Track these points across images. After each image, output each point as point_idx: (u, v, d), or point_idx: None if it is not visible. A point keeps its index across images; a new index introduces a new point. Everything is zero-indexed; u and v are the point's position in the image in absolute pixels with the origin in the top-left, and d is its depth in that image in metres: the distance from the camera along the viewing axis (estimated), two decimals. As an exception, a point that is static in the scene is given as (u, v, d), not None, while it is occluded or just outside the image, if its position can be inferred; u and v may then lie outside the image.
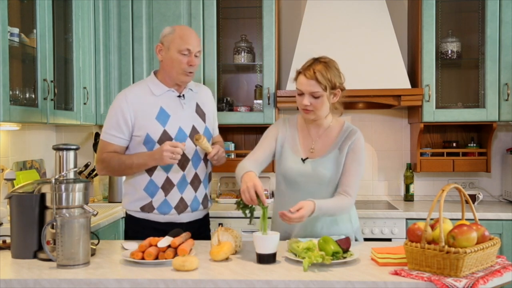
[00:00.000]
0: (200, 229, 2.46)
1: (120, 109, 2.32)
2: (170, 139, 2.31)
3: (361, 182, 2.36)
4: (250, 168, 2.12)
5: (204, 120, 2.45)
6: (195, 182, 2.39)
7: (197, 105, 2.45)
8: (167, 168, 2.33)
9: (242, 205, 2.08)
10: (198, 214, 2.44)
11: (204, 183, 2.44)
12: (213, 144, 2.48)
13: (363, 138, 2.29)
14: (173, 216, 2.36)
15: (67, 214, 1.96)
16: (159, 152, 2.19)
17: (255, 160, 2.24)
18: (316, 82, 2.14)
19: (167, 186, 2.33)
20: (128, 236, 2.43)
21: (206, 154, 2.37)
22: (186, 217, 2.39)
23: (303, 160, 2.26)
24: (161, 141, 2.30)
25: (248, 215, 2.10)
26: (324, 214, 2.14)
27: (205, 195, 2.46)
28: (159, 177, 2.33)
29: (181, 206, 2.36)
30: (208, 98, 2.54)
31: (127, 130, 2.32)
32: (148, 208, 2.35)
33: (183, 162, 2.34)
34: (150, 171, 2.33)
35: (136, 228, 2.39)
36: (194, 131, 2.38)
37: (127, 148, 2.37)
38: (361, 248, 2.11)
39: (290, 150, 2.29)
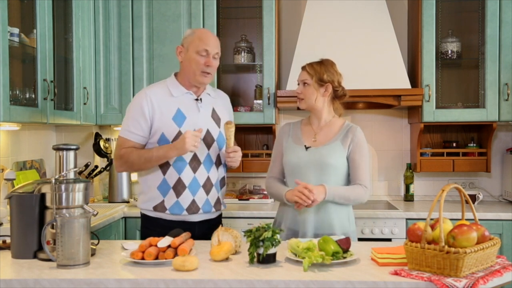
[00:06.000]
0: (212, 229, 2.29)
1: (139, 106, 2.36)
2: None
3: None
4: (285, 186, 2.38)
5: (218, 125, 2.48)
6: (207, 185, 2.42)
7: (213, 110, 2.48)
8: (179, 169, 2.35)
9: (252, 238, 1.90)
10: (210, 215, 2.47)
11: (216, 187, 2.46)
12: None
13: (363, 133, 2.42)
14: (184, 216, 2.39)
15: (67, 214, 1.95)
16: (182, 140, 2.23)
17: (277, 178, 2.46)
18: (306, 72, 2.40)
19: (179, 187, 2.36)
20: (143, 235, 2.44)
21: (217, 159, 2.43)
22: (197, 217, 2.42)
23: (306, 148, 2.36)
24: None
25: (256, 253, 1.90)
26: (336, 197, 2.27)
27: (218, 199, 2.48)
28: (171, 177, 2.36)
29: (193, 208, 2.39)
30: (225, 105, 2.59)
31: (146, 127, 2.35)
32: (160, 208, 2.37)
33: (195, 165, 2.37)
34: (164, 169, 2.36)
35: (150, 226, 2.41)
36: (208, 135, 2.42)
37: (144, 146, 2.39)
38: (361, 248, 2.11)
39: (293, 143, 2.41)
